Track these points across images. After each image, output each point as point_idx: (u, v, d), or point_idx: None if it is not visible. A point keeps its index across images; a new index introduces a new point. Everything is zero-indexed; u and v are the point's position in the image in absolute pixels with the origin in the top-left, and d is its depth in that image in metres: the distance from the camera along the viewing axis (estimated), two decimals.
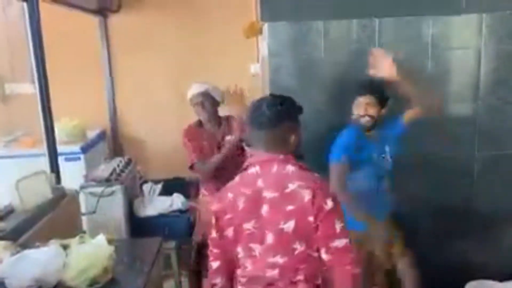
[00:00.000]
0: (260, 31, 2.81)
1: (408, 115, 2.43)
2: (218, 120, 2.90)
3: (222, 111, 2.98)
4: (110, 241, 1.89)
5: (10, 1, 3.41)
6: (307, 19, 2.62)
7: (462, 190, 2.81)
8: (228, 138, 2.84)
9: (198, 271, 3.06)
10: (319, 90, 2.68)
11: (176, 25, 4.09)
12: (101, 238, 1.88)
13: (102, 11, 4.01)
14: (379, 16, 2.64)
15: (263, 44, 2.76)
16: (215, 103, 2.86)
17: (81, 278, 1.70)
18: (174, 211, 2.60)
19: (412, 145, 2.73)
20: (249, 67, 4.03)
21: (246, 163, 1.67)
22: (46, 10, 2.69)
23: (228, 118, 2.93)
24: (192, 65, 4.05)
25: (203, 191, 2.90)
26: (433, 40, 2.68)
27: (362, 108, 2.38)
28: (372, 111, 2.38)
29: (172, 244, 2.55)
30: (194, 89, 2.83)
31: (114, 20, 4.09)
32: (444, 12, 2.66)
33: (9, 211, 2.28)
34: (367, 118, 2.38)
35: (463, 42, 2.71)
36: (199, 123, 2.89)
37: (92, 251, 1.77)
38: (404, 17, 2.66)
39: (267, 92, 2.76)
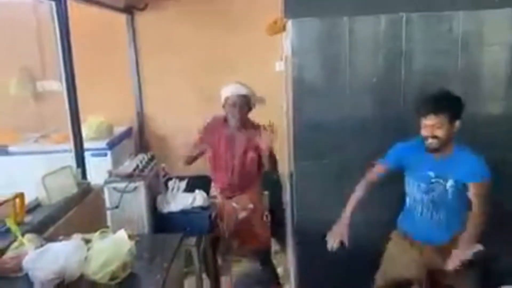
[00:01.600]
0: (284, 28, 2.78)
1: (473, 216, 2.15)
2: (245, 124, 2.87)
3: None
4: (130, 237, 1.91)
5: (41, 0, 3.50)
6: (332, 15, 2.57)
7: (494, 193, 2.70)
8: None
9: (214, 267, 3.09)
10: (344, 88, 2.63)
11: (201, 23, 4.11)
12: (121, 233, 1.90)
13: (129, 9, 4.07)
14: (407, 12, 2.57)
15: (287, 41, 2.73)
16: (249, 109, 2.85)
17: (101, 273, 1.72)
18: (196, 208, 2.61)
19: None
20: (274, 65, 4.01)
21: None
22: (75, 9, 2.74)
23: (258, 127, 2.86)
24: (217, 63, 4.06)
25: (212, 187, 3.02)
26: (464, 37, 2.58)
27: (428, 130, 2.11)
28: (440, 132, 2.09)
29: (193, 240, 2.55)
30: (234, 89, 2.80)
31: (141, 18, 4.15)
32: (476, 7, 2.56)
33: (36, 205, 2.35)
34: (432, 141, 2.11)
35: (496, 38, 2.60)
36: (224, 119, 2.89)
37: (112, 246, 1.80)
38: (433, 12, 2.57)
39: (290, 90, 2.74)
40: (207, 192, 2.91)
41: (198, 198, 2.63)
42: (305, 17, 2.58)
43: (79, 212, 2.49)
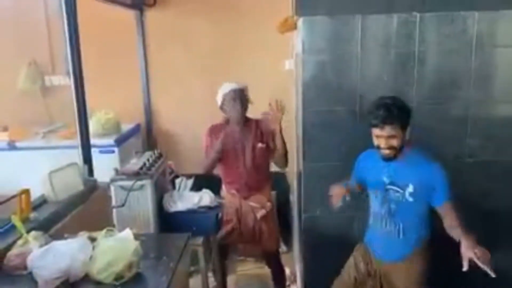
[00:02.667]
0: (295, 26, 2.74)
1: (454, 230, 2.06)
2: (245, 120, 2.88)
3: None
4: (136, 236, 1.89)
5: None
6: (343, 13, 2.53)
7: (508, 195, 2.65)
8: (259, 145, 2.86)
9: (222, 268, 3.07)
10: (354, 88, 2.59)
11: (210, 20, 4.08)
12: (127, 232, 1.88)
13: (138, 5, 4.05)
14: (420, 11, 2.52)
15: (298, 40, 2.69)
16: (246, 102, 2.85)
17: (106, 272, 1.70)
18: (202, 207, 2.58)
19: (455, 148, 2.61)
20: (284, 63, 3.97)
21: None
22: (83, 4, 2.72)
23: (257, 122, 2.90)
24: (226, 60, 4.03)
25: (223, 187, 3.00)
26: (478, 37, 2.53)
27: (383, 141, 2.07)
28: (395, 142, 2.06)
29: (199, 240, 2.53)
30: (231, 85, 2.82)
31: (150, 14, 4.13)
32: (491, 7, 2.50)
33: (42, 202, 2.33)
34: (388, 151, 2.09)
35: (510, 39, 2.55)
36: (226, 121, 2.90)
37: (118, 245, 1.77)
38: (447, 12, 2.52)
39: (300, 89, 2.70)
40: (214, 191, 2.88)
41: (205, 197, 2.60)
42: (316, 15, 2.54)
43: (85, 210, 2.47)
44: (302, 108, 2.66)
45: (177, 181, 2.97)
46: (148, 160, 2.60)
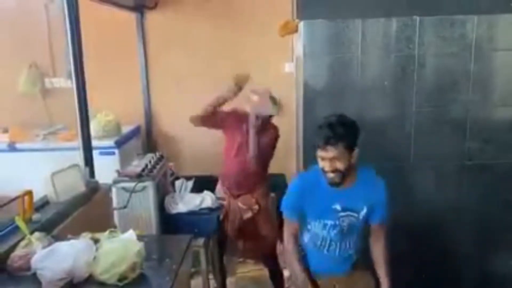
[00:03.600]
0: (296, 29, 2.76)
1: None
2: (265, 121, 2.88)
3: None
4: (139, 237, 1.90)
5: None
6: (344, 17, 2.55)
7: (506, 199, 2.67)
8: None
9: (221, 269, 3.08)
10: (355, 91, 2.61)
11: (211, 22, 4.09)
12: (131, 234, 1.89)
13: (139, 8, 4.06)
14: (420, 15, 2.54)
15: (298, 43, 2.71)
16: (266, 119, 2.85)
17: (110, 273, 1.71)
18: (204, 209, 2.60)
19: (453, 150, 2.64)
20: (284, 66, 4.00)
21: None
22: (85, 6, 2.73)
23: (272, 127, 2.93)
24: (226, 63, 4.04)
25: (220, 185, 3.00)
26: (477, 41, 2.56)
27: (327, 163, 1.90)
28: (340, 164, 1.89)
29: (201, 241, 2.54)
30: (258, 108, 2.77)
31: (151, 17, 4.14)
32: (491, 11, 2.53)
33: (44, 203, 2.34)
34: (333, 175, 1.91)
35: (509, 43, 2.58)
36: (243, 116, 2.86)
37: (121, 246, 1.78)
38: (446, 16, 2.55)
39: (300, 92, 2.72)
40: (214, 193, 2.90)
41: (207, 199, 2.62)
42: (317, 18, 2.56)
43: (87, 211, 2.47)
44: (302, 111, 2.68)
45: (177, 182, 2.99)
46: (149, 162, 2.62)
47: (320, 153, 1.90)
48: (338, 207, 2.00)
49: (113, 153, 3.58)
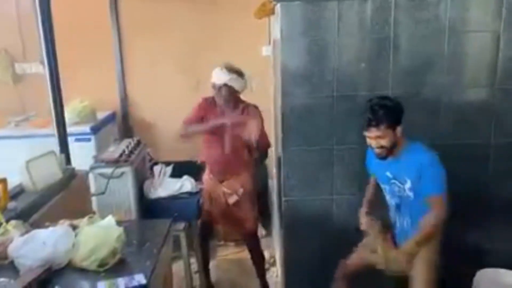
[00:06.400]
0: (272, 12, 2.74)
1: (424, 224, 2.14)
2: (235, 105, 2.89)
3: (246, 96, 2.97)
4: (119, 222, 1.89)
5: None
6: None
7: (477, 178, 2.75)
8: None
9: (205, 252, 3.10)
10: (332, 74, 2.62)
11: (187, 6, 4.04)
12: (110, 219, 1.88)
13: None
14: None
15: (275, 26, 2.70)
16: (234, 92, 2.84)
17: (90, 259, 1.70)
18: (183, 193, 2.60)
19: (426, 131, 2.68)
20: (261, 49, 3.98)
21: None
22: None
23: (248, 107, 2.92)
24: (203, 47, 4.01)
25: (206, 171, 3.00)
26: (451, 23, 2.59)
27: (373, 142, 2.17)
28: (384, 142, 2.15)
29: (181, 225, 2.55)
30: (220, 77, 2.81)
31: (125, 1, 4.05)
32: None
33: (20, 191, 2.30)
34: (379, 151, 2.18)
35: (482, 25, 2.62)
36: (213, 100, 2.89)
37: (101, 232, 1.77)
38: None
39: (278, 75, 2.72)
40: (194, 178, 2.89)
41: (186, 184, 2.62)
42: (294, 0, 2.55)
43: (64, 198, 2.44)
44: (280, 94, 2.68)
45: (156, 168, 2.97)
46: (127, 147, 2.60)
47: (365, 133, 2.16)
48: (389, 174, 2.25)
49: (89, 140, 3.54)
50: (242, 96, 2.94)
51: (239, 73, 2.83)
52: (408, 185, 2.18)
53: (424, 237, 2.13)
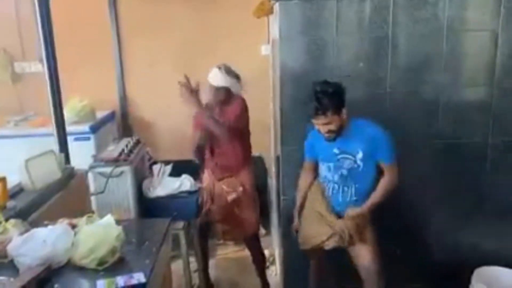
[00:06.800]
0: (271, 11, 2.75)
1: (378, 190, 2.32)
2: (226, 100, 2.85)
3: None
4: (118, 221, 1.89)
5: None
6: None
7: (474, 177, 2.76)
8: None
9: (204, 251, 3.11)
10: (331, 72, 2.63)
11: (186, 6, 4.04)
12: (109, 218, 1.88)
13: None
14: None
15: (274, 25, 2.70)
16: (228, 94, 2.83)
17: (89, 258, 1.70)
18: (182, 192, 2.60)
19: (425, 129, 2.69)
20: (260, 48, 3.99)
21: None
22: None
23: (236, 99, 2.86)
24: (202, 46, 4.01)
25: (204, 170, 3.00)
26: (449, 22, 2.60)
27: (321, 128, 2.25)
28: (332, 126, 2.23)
29: (180, 224, 2.55)
30: (213, 78, 2.79)
31: (124, 0, 4.05)
32: None
33: (19, 190, 2.30)
34: (328, 135, 2.27)
35: (480, 24, 2.63)
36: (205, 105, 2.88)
37: (100, 231, 1.77)
38: None
39: (277, 74, 2.73)
40: (194, 177, 2.90)
41: (185, 182, 2.63)
42: None
43: (63, 197, 2.44)
44: (279, 93, 2.69)
45: (155, 167, 2.97)
46: (126, 146, 2.60)
47: (313, 120, 2.24)
48: (336, 150, 2.33)
49: (88, 139, 3.54)
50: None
51: (237, 77, 2.83)
52: (360, 155, 2.29)
53: (380, 198, 2.30)
